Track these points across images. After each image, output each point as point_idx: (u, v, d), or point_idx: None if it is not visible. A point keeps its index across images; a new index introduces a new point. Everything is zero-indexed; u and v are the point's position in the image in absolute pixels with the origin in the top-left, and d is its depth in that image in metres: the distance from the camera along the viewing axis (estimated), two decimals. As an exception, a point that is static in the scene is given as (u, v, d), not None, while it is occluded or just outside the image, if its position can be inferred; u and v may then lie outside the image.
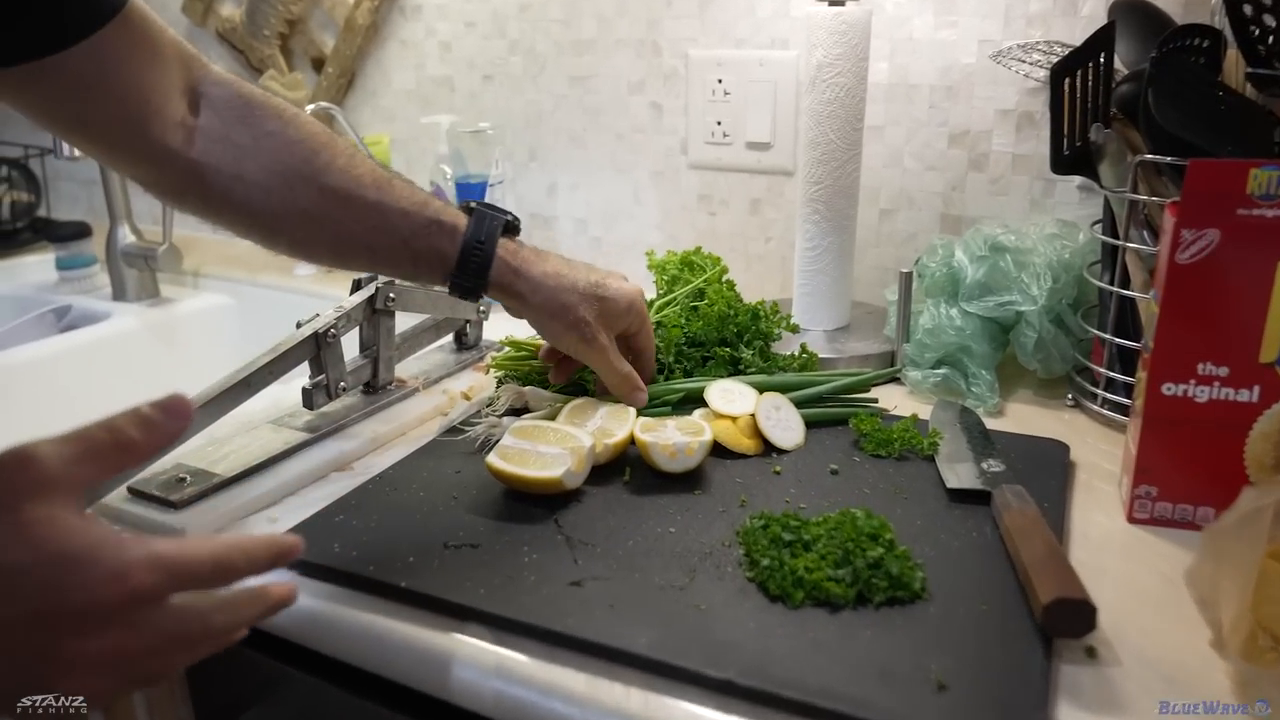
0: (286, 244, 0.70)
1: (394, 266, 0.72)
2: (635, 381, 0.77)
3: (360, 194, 0.68)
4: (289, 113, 0.68)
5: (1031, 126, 0.98)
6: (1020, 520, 0.61)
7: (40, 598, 0.38)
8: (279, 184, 0.67)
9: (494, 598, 0.57)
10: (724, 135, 1.14)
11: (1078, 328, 0.87)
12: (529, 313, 0.74)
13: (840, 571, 0.57)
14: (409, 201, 0.69)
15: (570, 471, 0.67)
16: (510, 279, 0.72)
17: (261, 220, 0.68)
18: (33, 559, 0.38)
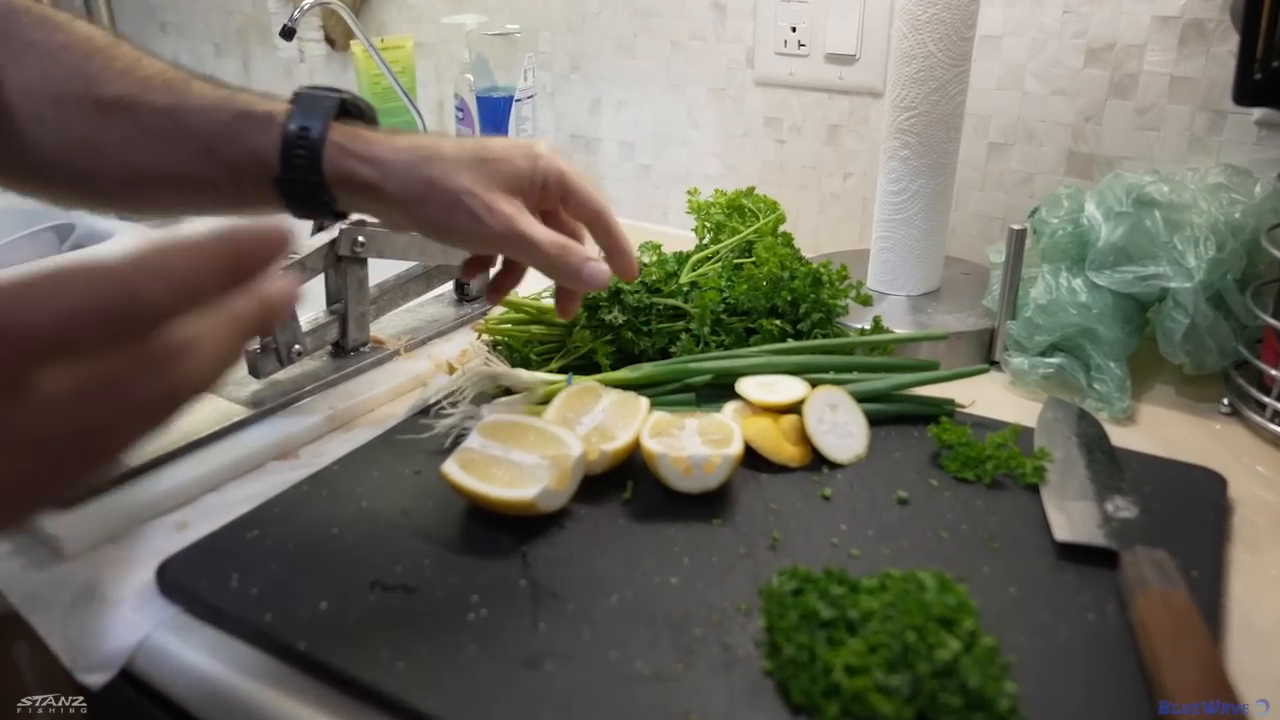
0: (71, 188, 0.54)
1: (209, 192, 0.54)
2: (575, 249, 0.53)
3: (147, 99, 0.52)
4: (58, 19, 0.53)
5: (1200, 39, 0.75)
6: (1161, 611, 0.43)
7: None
8: (49, 107, 0.51)
9: (415, 677, 0.42)
10: (799, 45, 0.93)
11: (1244, 311, 0.66)
12: (392, 208, 0.53)
13: (895, 679, 0.40)
14: (210, 98, 0.52)
15: (547, 490, 0.51)
16: (351, 165, 0.52)
17: (33, 161, 0.52)
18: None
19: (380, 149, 0.52)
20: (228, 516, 0.54)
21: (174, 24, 1.46)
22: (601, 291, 0.67)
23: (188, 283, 0.26)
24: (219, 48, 1.42)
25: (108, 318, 0.25)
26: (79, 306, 0.24)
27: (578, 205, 0.55)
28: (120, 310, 0.25)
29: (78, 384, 0.25)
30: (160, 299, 0.26)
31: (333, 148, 0.51)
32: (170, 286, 0.26)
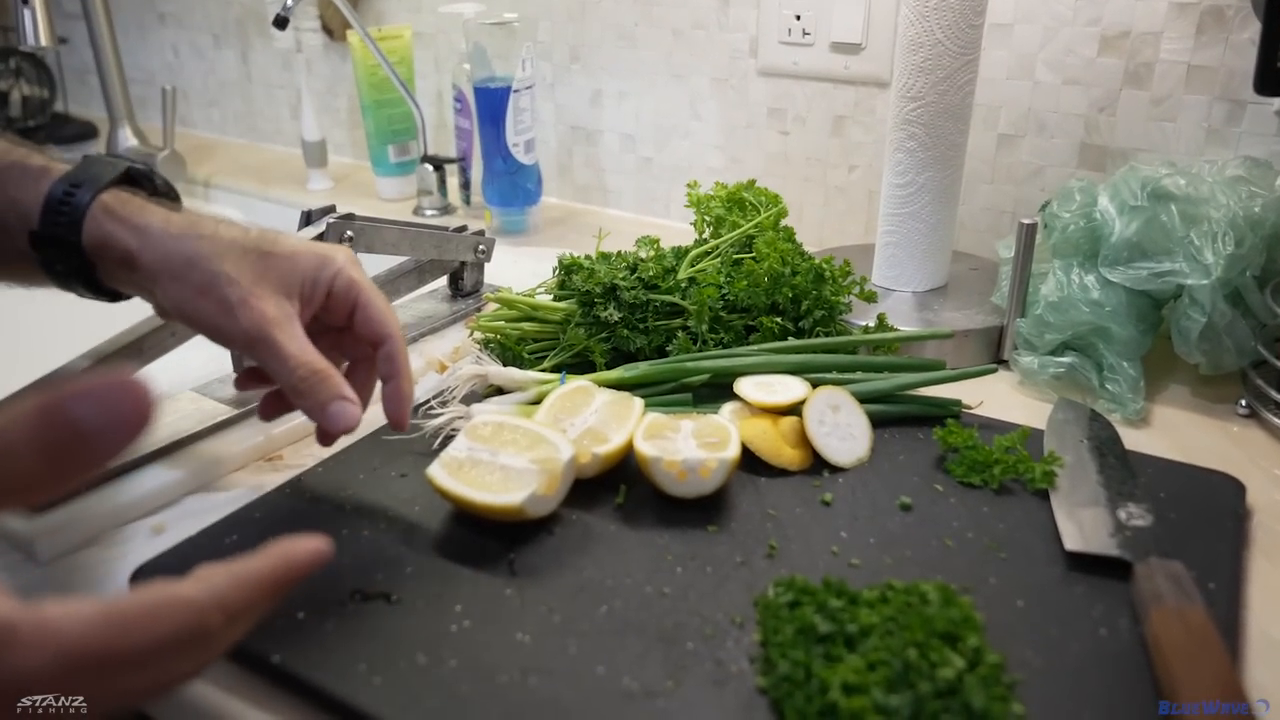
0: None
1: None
2: (328, 380, 0.47)
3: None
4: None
5: (1219, 27, 0.73)
6: (1178, 628, 0.41)
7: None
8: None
9: (392, 692, 0.40)
10: (804, 33, 0.90)
11: (1264, 310, 0.64)
12: (144, 281, 0.48)
13: (894, 699, 0.38)
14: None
15: (535, 496, 0.49)
16: (112, 229, 0.47)
17: None
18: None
19: (151, 217, 0.48)
20: (206, 520, 0.52)
21: (172, 14, 1.44)
22: (597, 287, 0.65)
23: (242, 611, 0.32)
24: (218, 39, 1.40)
25: (180, 642, 0.31)
26: (164, 637, 0.30)
27: (364, 323, 0.51)
28: (191, 639, 0.31)
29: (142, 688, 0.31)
30: (221, 627, 0.32)
31: (99, 209, 0.47)
32: (229, 616, 0.32)
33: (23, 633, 0.28)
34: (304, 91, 1.16)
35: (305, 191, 1.19)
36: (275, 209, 1.19)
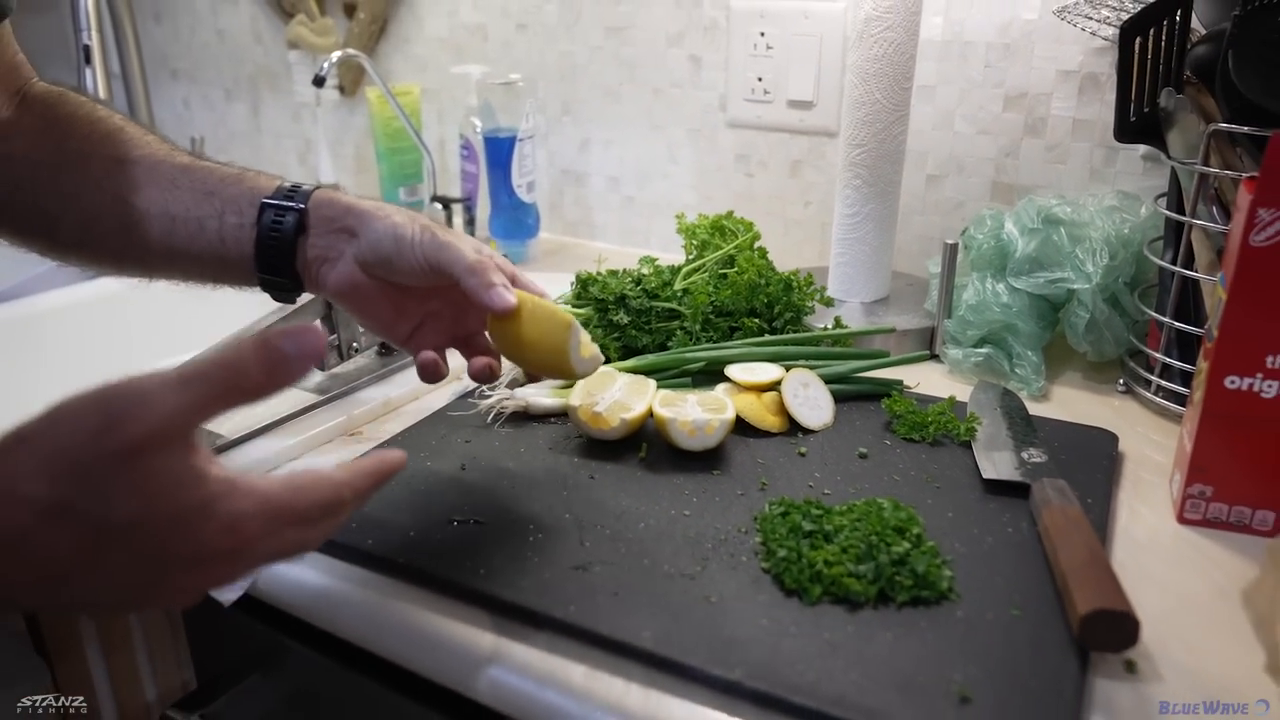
0: (71, 230, 0.62)
1: (193, 231, 0.60)
2: (494, 268, 0.58)
3: (169, 159, 0.62)
4: (102, 106, 0.65)
5: (1095, 89, 0.92)
6: (1060, 519, 0.57)
7: (156, 547, 0.38)
8: (72, 163, 0.61)
9: (494, 579, 0.54)
10: (764, 92, 1.08)
11: (1134, 309, 0.81)
12: (356, 221, 0.59)
13: (862, 567, 0.53)
14: (225, 165, 0.63)
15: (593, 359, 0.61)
16: (331, 194, 0.61)
17: (49, 208, 0.62)
18: (150, 514, 0.37)
19: (347, 196, 0.61)
20: (314, 477, 0.65)
21: (185, 71, 1.58)
22: (609, 296, 0.80)
23: (360, 492, 0.44)
24: (229, 93, 1.54)
25: (327, 506, 0.42)
26: (319, 500, 0.42)
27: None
28: (332, 505, 0.42)
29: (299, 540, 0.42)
30: (348, 500, 0.43)
31: (320, 190, 0.61)
32: (353, 493, 0.44)
33: (239, 485, 0.39)
34: (321, 141, 1.31)
35: (320, 229, 1.32)
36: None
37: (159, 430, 0.36)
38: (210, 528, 0.38)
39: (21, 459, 0.36)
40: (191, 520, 0.38)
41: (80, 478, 0.36)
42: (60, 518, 0.36)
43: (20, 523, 0.35)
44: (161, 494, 0.37)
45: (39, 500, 0.36)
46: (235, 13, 1.48)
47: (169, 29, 1.58)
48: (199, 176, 0.61)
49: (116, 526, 0.36)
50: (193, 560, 0.39)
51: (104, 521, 0.36)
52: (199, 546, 0.38)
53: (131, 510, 0.36)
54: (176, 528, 0.38)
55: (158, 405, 0.37)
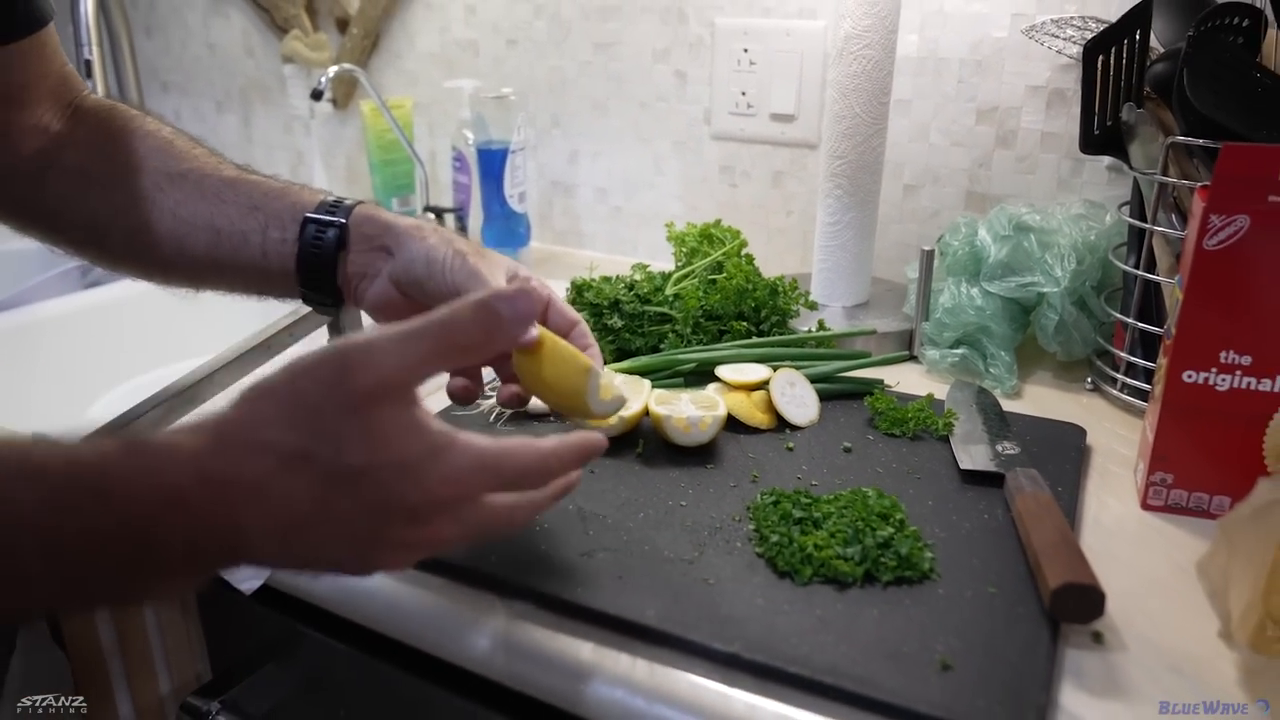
0: (120, 240, 0.65)
1: (238, 245, 0.62)
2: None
3: (217, 172, 0.64)
4: (138, 119, 0.67)
5: (1062, 104, 0.96)
6: (1032, 504, 0.61)
7: (381, 495, 0.40)
8: (122, 176, 0.64)
9: (505, 565, 0.57)
10: (748, 106, 1.12)
11: (1100, 311, 0.86)
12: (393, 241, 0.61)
13: (849, 550, 0.57)
14: (270, 178, 0.65)
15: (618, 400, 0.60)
16: (372, 211, 0.62)
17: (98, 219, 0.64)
18: (378, 461, 0.39)
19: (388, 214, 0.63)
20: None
21: (176, 83, 1.60)
22: (604, 301, 0.84)
23: (568, 465, 0.47)
24: (220, 105, 1.57)
25: (535, 472, 0.45)
26: (528, 464, 0.44)
27: (558, 315, 0.63)
28: (540, 473, 0.45)
29: (509, 504, 0.45)
30: (556, 471, 0.46)
31: (361, 207, 0.63)
32: (561, 464, 0.46)
33: (457, 440, 0.42)
34: (316, 152, 1.34)
35: (313, 239, 1.35)
36: (286, 254, 1.35)
37: (387, 381, 0.39)
38: (432, 476, 0.41)
39: (264, 409, 0.39)
40: (414, 468, 0.40)
41: (317, 425, 0.39)
42: (300, 463, 0.38)
43: (265, 468, 0.38)
44: (389, 441, 0.40)
45: (282, 446, 0.38)
46: (227, 27, 1.51)
47: (160, 42, 1.60)
48: (244, 190, 0.63)
49: (348, 472, 0.39)
50: (415, 510, 0.41)
51: (337, 467, 0.39)
52: (421, 495, 0.41)
53: (362, 456, 0.39)
54: (401, 474, 0.40)
55: (386, 358, 0.39)
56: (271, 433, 0.39)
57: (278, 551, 0.40)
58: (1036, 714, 0.46)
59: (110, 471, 0.37)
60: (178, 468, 0.38)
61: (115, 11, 1.28)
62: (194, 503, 0.38)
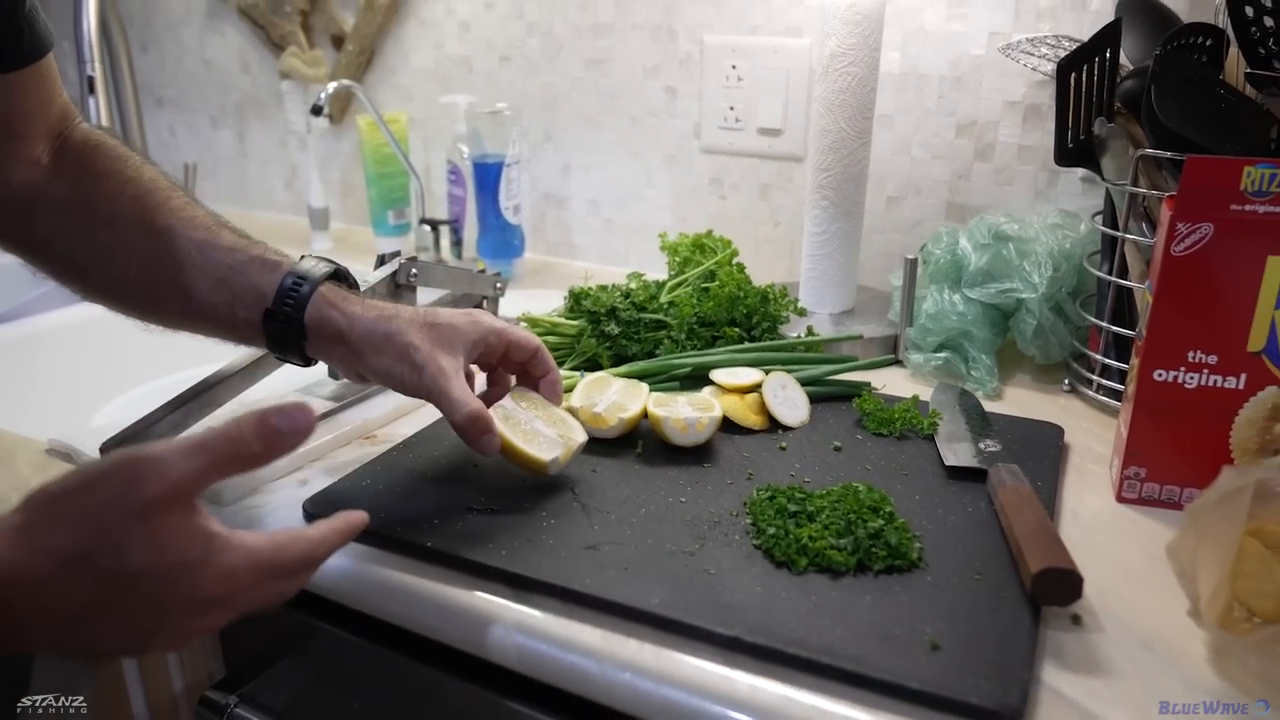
0: (98, 285, 0.68)
1: (208, 313, 0.66)
2: (483, 420, 0.63)
3: (186, 233, 0.65)
4: (133, 159, 0.69)
5: (1037, 119, 1.01)
6: (1014, 496, 0.64)
7: (162, 593, 0.43)
8: (99, 223, 0.66)
9: (515, 558, 0.60)
10: (736, 121, 1.16)
11: (1076, 316, 0.90)
12: (349, 352, 0.65)
13: (842, 541, 0.60)
14: (235, 243, 0.66)
15: (557, 460, 0.66)
16: (327, 313, 0.64)
17: (77, 260, 0.67)
18: (158, 563, 0.42)
19: (352, 306, 0.65)
20: (338, 475, 0.71)
21: (171, 99, 1.62)
22: (601, 309, 0.87)
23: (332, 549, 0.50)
24: (215, 120, 1.59)
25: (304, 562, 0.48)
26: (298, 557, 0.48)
27: (517, 349, 0.69)
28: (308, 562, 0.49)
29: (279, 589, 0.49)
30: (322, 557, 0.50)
31: (318, 298, 0.64)
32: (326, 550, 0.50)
33: (232, 541, 0.45)
34: (312, 166, 1.36)
35: (310, 250, 1.38)
36: (283, 266, 1.37)
37: (172, 490, 0.43)
38: (209, 576, 0.44)
39: (49, 513, 0.42)
40: (194, 569, 0.43)
41: (101, 531, 0.42)
42: (80, 566, 0.41)
43: (45, 570, 0.41)
44: (170, 546, 0.43)
45: (62, 550, 0.41)
46: (223, 43, 1.53)
47: (154, 58, 1.63)
48: (212, 259, 0.65)
49: (129, 574, 0.42)
50: (190, 606, 0.44)
51: (118, 570, 0.42)
52: (197, 592, 0.44)
53: (143, 560, 0.42)
54: (181, 575, 0.43)
55: (170, 470, 0.42)
56: (54, 537, 0.41)
57: (54, 642, 0.43)
58: (1020, 690, 0.49)
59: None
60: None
61: (114, 28, 1.30)
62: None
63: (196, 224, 0.66)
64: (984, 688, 0.49)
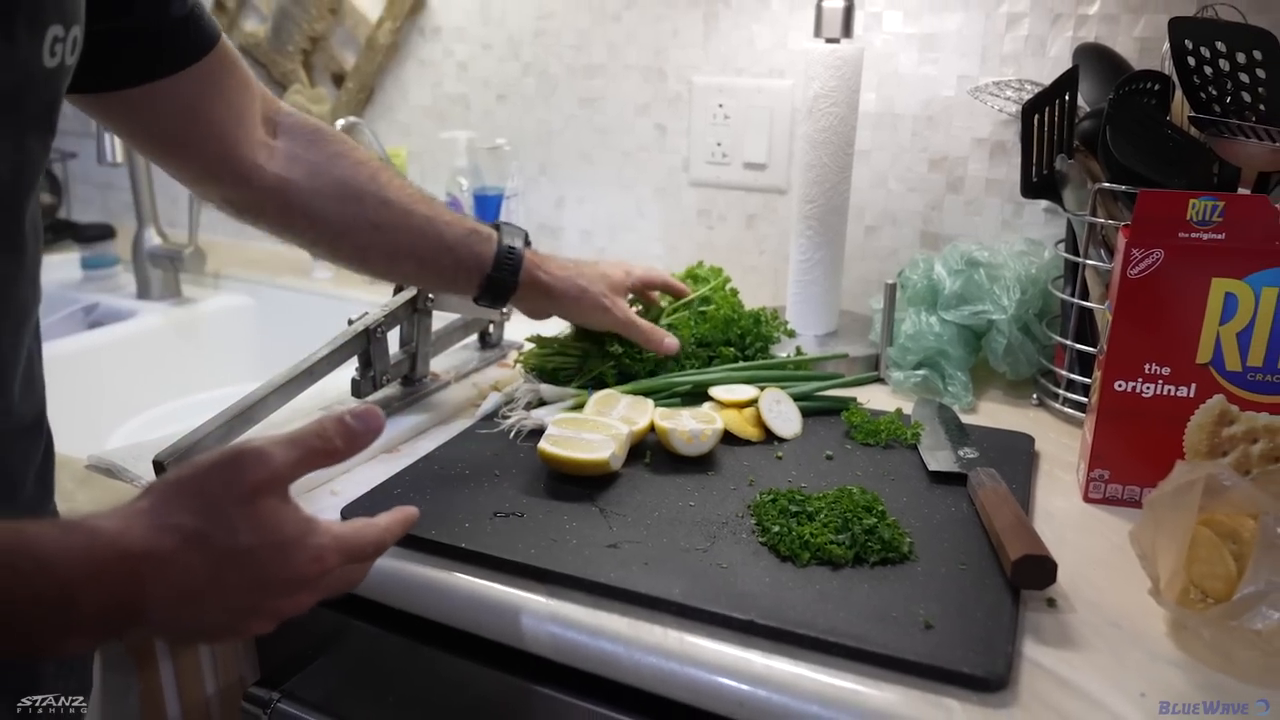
0: (348, 252, 0.80)
1: (436, 273, 0.83)
2: (661, 333, 0.91)
3: (414, 208, 0.80)
4: (349, 142, 0.80)
5: (1004, 155, 1.09)
6: (992, 496, 0.71)
7: (262, 571, 0.48)
8: (349, 196, 0.77)
9: (543, 556, 0.66)
10: (723, 155, 1.23)
11: (1043, 335, 0.97)
12: (555, 301, 0.86)
13: (840, 536, 0.67)
14: (451, 216, 0.83)
15: (615, 455, 0.75)
16: (536, 274, 0.85)
17: (331, 229, 0.78)
18: (262, 542, 0.47)
19: (551, 268, 0.86)
20: (367, 486, 0.76)
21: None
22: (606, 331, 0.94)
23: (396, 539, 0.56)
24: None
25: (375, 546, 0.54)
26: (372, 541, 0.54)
27: (651, 282, 0.96)
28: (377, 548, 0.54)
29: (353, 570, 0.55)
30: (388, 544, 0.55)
31: (526, 263, 0.84)
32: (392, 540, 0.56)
33: (320, 524, 0.50)
34: (313, 198, 1.41)
35: (310, 279, 1.43)
36: (284, 294, 1.42)
37: (273, 478, 0.48)
38: (304, 556, 0.49)
39: (171, 497, 0.47)
40: (291, 548, 0.48)
41: (214, 512, 0.47)
42: (198, 542, 0.46)
43: (169, 545, 0.46)
44: (272, 526, 0.48)
45: (183, 528, 0.46)
46: (222, 80, 1.58)
47: (153, 94, 1.67)
48: (439, 230, 0.81)
49: (239, 551, 0.47)
50: (287, 584, 0.49)
51: (231, 546, 0.47)
52: (294, 571, 0.49)
53: (251, 539, 0.47)
54: (279, 554, 0.48)
55: (273, 460, 0.48)
56: (176, 516, 0.46)
57: (168, 619, 0.47)
58: (1005, 660, 0.56)
59: (49, 546, 0.43)
60: (103, 546, 0.44)
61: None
62: (111, 573, 0.44)
63: (419, 200, 0.81)
64: (973, 659, 0.55)
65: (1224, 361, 0.71)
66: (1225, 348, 0.70)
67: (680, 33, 1.22)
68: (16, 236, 0.53)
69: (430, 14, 1.37)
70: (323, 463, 0.50)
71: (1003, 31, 1.06)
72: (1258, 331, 0.70)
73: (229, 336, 1.45)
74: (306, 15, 1.43)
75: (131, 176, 1.38)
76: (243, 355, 1.45)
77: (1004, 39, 1.06)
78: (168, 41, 0.66)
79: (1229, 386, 0.71)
